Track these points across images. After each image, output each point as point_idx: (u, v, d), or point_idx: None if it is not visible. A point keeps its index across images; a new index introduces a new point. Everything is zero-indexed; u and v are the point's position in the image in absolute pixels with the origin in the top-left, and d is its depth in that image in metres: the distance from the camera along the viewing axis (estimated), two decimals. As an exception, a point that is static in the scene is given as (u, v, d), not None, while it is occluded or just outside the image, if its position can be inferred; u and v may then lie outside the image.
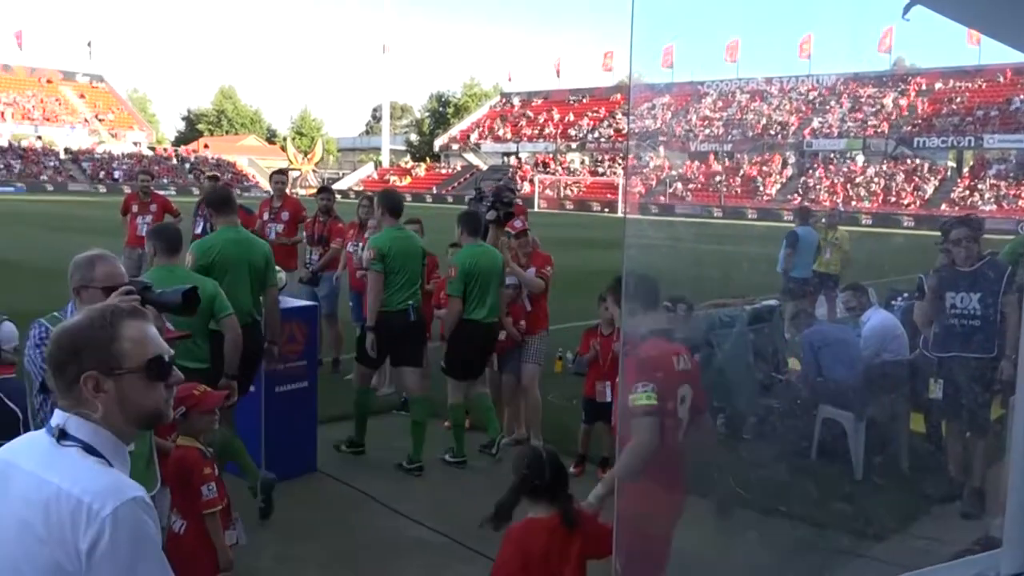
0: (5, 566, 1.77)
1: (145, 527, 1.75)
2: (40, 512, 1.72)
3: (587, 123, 76.57)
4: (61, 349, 1.86)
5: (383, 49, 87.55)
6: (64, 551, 1.69)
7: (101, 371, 1.84)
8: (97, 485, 1.73)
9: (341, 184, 72.54)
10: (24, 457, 1.84)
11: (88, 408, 1.84)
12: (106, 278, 3.19)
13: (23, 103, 76.14)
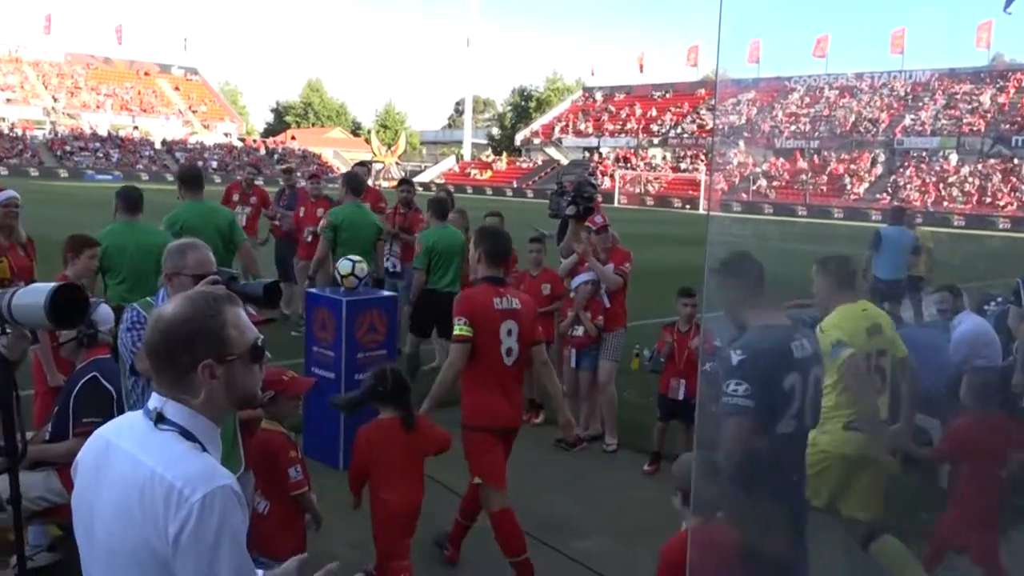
0: (102, 540, 1.85)
1: (232, 514, 1.79)
2: (135, 492, 1.78)
3: (670, 118, 75.70)
4: (173, 340, 1.88)
5: (467, 43, 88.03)
6: (155, 531, 1.75)
7: (215, 358, 1.89)
8: (190, 470, 1.79)
9: (423, 177, 73.30)
10: (124, 438, 1.91)
11: (189, 394, 1.89)
12: (197, 266, 3.29)
13: (122, 95, 78.96)
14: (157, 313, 1.95)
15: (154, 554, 1.76)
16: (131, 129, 73.82)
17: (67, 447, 4.07)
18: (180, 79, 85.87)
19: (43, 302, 2.64)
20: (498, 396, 4.68)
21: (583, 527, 5.57)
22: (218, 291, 2.02)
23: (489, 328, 4.61)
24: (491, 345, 4.63)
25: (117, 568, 1.82)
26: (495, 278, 4.79)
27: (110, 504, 1.83)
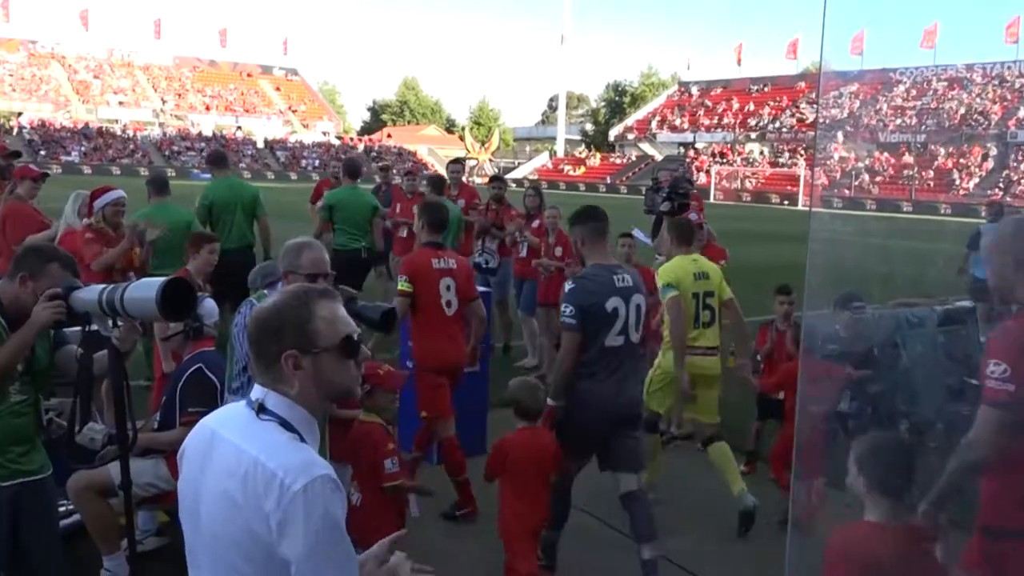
0: (206, 526, 1.91)
1: (332, 504, 1.83)
2: (239, 481, 1.84)
3: (768, 113, 74.11)
4: (263, 330, 1.96)
5: (561, 40, 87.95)
6: (257, 519, 1.80)
7: (299, 350, 1.93)
8: (291, 461, 1.83)
9: (516, 173, 73.58)
10: (228, 427, 1.97)
11: (286, 385, 1.94)
12: (311, 265, 3.37)
13: (226, 96, 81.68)
14: (257, 307, 2.02)
15: (256, 540, 1.81)
16: (234, 129, 76.29)
17: (174, 436, 4.22)
18: (281, 80, 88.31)
19: (155, 296, 2.73)
20: (443, 341, 5.49)
21: (677, 526, 5.49)
22: (316, 286, 2.06)
23: (430, 284, 5.46)
24: (433, 298, 5.47)
25: (220, 553, 1.88)
26: (434, 243, 5.64)
27: (214, 491, 1.88)
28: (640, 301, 4.67)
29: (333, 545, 1.83)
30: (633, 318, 4.60)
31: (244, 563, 1.84)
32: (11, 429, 3.23)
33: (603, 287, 4.52)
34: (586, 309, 4.48)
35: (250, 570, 1.84)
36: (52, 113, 69.73)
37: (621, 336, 4.54)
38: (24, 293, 3.21)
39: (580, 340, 4.48)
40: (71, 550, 4.40)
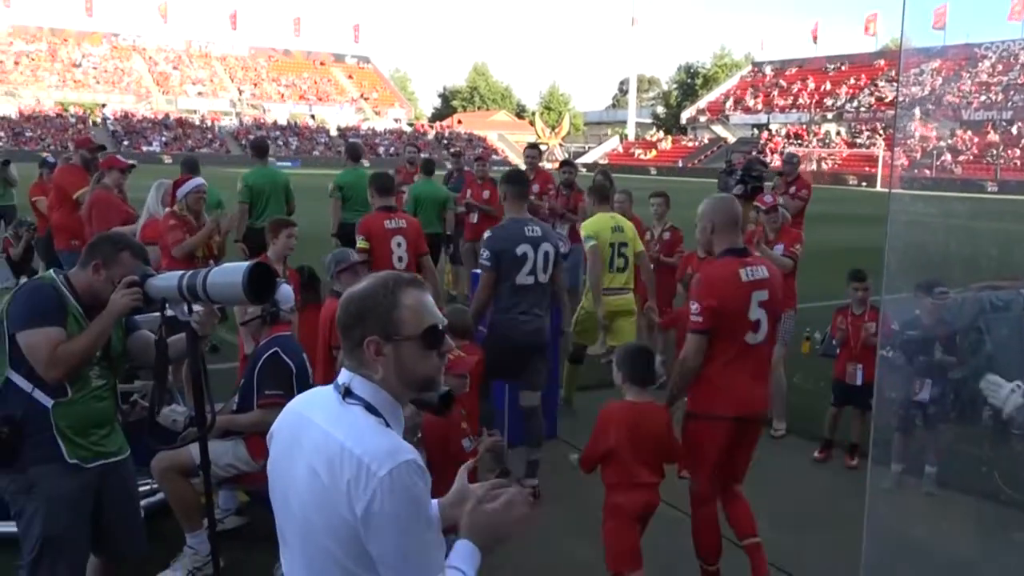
0: (297, 510, 1.94)
1: (416, 489, 1.85)
2: (326, 464, 1.86)
3: (845, 92, 72.28)
4: (348, 314, 1.98)
5: (632, 22, 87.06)
6: (344, 503, 1.83)
7: (381, 336, 1.95)
8: (376, 446, 1.85)
9: (586, 158, 73.20)
10: (315, 410, 2.00)
11: (370, 370, 1.96)
12: None
13: (300, 85, 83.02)
14: (346, 292, 2.04)
15: (345, 524, 1.84)
16: (308, 117, 77.50)
17: (252, 418, 4.32)
18: (353, 67, 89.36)
19: (241, 280, 2.79)
20: None
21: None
22: (405, 274, 2.08)
23: (382, 242, 6.41)
24: (385, 255, 6.35)
25: (311, 535, 1.91)
26: (387, 207, 6.67)
27: (303, 474, 1.91)
28: (548, 249, 5.51)
29: (419, 530, 1.85)
30: (541, 262, 5.48)
31: (334, 544, 1.86)
32: (93, 413, 3.34)
33: (515, 236, 5.43)
34: (499, 253, 5.38)
35: (340, 551, 1.86)
36: (134, 104, 71.79)
37: (531, 276, 5.45)
38: (98, 281, 3.30)
39: (494, 278, 5.42)
40: (155, 528, 4.55)
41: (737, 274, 4.11)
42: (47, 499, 3.23)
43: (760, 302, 4.13)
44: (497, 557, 4.58)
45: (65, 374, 3.19)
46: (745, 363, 4.15)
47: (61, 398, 3.23)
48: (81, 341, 3.20)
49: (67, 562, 3.30)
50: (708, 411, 4.19)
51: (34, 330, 3.15)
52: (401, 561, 1.83)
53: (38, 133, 62.01)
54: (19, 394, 3.20)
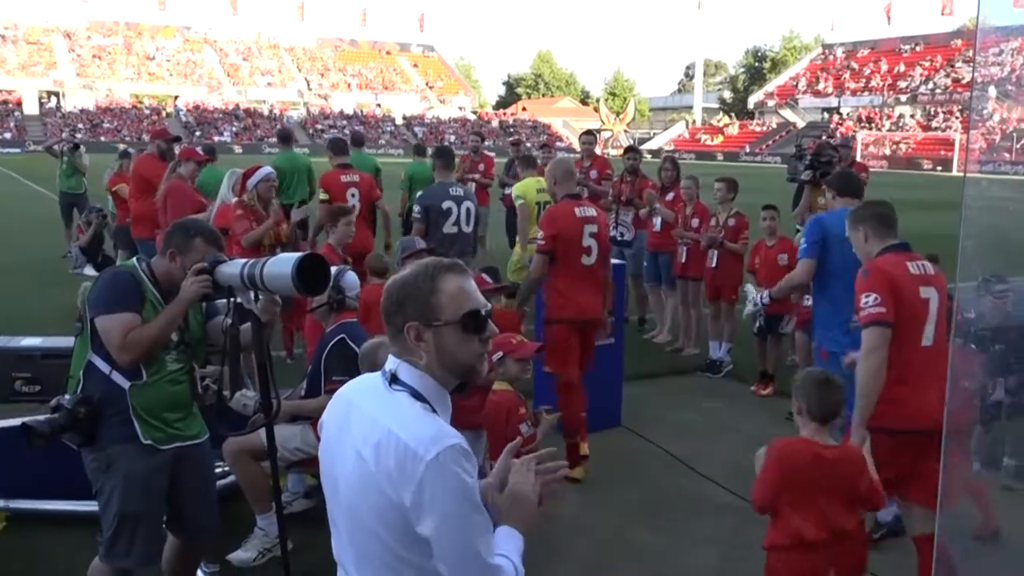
0: (345, 495, 1.98)
1: (463, 472, 1.86)
2: (373, 450, 1.88)
3: (920, 73, 70.24)
4: (390, 300, 2.01)
5: (698, 5, 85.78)
6: (392, 489, 1.85)
7: (421, 322, 1.96)
8: (422, 431, 1.87)
9: (652, 144, 72.51)
10: (363, 397, 2.03)
11: (414, 356, 1.98)
12: None
13: (366, 74, 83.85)
14: (390, 279, 2.07)
15: (393, 509, 1.86)
16: (374, 107, 78.22)
17: (319, 403, 4.40)
18: (418, 56, 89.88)
19: (290, 272, 2.83)
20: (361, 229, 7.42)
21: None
22: (445, 260, 2.08)
23: (339, 193, 8.14)
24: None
25: (359, 519, 1.94)
26: (343, 164, 8.56)
27: (351, 461, 1.94)
28: (470, 206, 7.21)
29: (467, 513, 1.86)
30: (463, 216, 7.12)
31: (383, 529, 1.89)
32: (169, 396, 3.43)
33: (441, 194, 7.14)
34: (428, 208, 7.03)
35: (388, 535, 1.88)
36: (205, 96, 73.35)
37: (455, 227, 7.07)
38: (174, 268, 3.39)
39: (424, 229, 6.92)
40: (227, 509, 4.67)
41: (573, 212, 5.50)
42: (123, 477, 3.33)
43: (591, 233, 5.49)
44: (559, 543, 4.61)
45: (136, 358, 3.28)
46: (583, 281, 5.48)
47: (137, 380, 3.33)
48: (152, 327, 3.28)
49: (143, 538, 3.40)
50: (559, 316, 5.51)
51: (109, 315, 3.25)
52: (450, 544, 1.84)
53: (115, 124, 63.81)
54: (99, 376, 3.31)
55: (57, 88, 69.07)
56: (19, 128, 60.49)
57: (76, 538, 4.41)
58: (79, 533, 4.42)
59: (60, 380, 3.49)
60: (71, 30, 76.09)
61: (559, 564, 4.54)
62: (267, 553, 4.45)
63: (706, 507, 5.16)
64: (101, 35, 77.22)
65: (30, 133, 57.92)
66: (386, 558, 1.91)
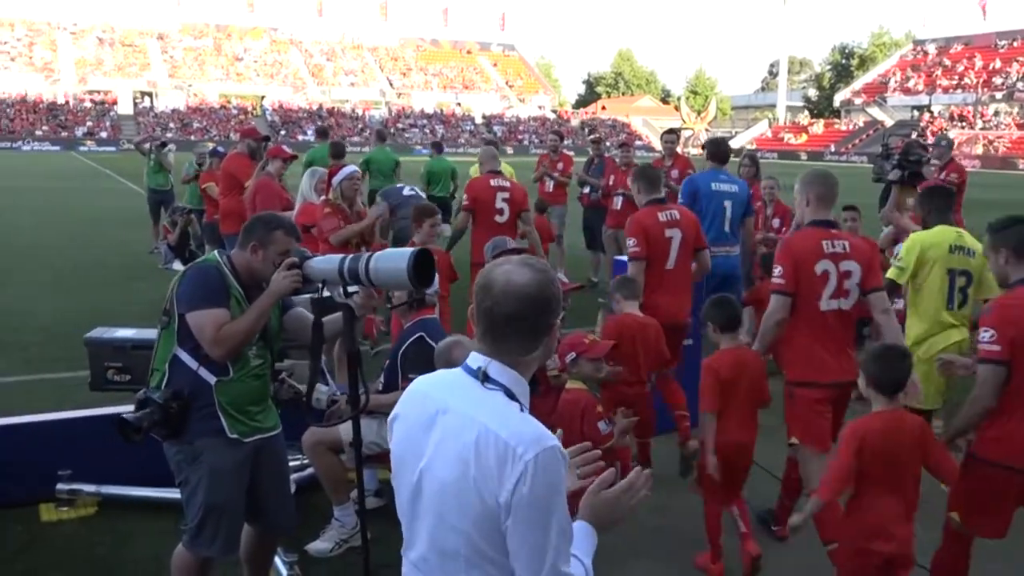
0: (431, 489, 1.97)
1: (560, 474, 1.87)
2: (471, 448, 1.88)
3: (1017, 70, 67.54)
4: (534, 304, 1.95)
5: (783, 1, 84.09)
6: (488, 487, 1.85)
7: (555, 323, 2.02)
8: (523, 431, 1.87)
9: (733, 143, 71.22)
10: (449, 394, 2.01)
11: (524, 355, 1.99)
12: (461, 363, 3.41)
13: (447, 73, 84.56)
14: (506, 281, 1.96)
15: (485, 506, 1.86)
16: (454, 106, 78.81)
17: (395, 398, 4.44)
18: (499, 56, 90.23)
19: (406, 266, 2.87)
20: None
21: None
22: (543, 261, 2.12)
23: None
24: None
25: (446, 518, 1.93)
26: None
27: (443, 456, 1.94)
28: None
29: (555, 518, 1.86)
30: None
31: (470, 526, 1.89)
32: (251, 390, 3.50)
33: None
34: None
35: (476, 533, 1.88)
36: (291, 96, 74.97)
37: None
38: (256, 261, 3.43)
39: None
40: (305, 501, 4.77)
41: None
42: (210, 470, 3.40)
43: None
44: (635, 544, 4.56)
45: (229, 352, 3.34)
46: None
47: (223, 376, 3.39)
48: (244, 321, 3.34)
49: (226, 529, 3.48)
50: None
51: (201, 311, 3.31)
52: (539, 544, 1.84)
53: (204, 124, 65.73)
54: (186, 371, 3.37)
55: (150, 89, 71.48)
56: (114, 127, 62.83)
57: (161, 524, 4.57)
58: (164, 519, 4.57)
59: (148, 370, 3.57)
60: (164, 32, 78.63)
61: (632, 564, 4.51)
62: (344, 544, 4.53)
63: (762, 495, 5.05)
64: (192, 37, 79.58)
65: (124, 132, 60.06)
66: (470, 555, 1.91)
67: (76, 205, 21.73)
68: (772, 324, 4.32)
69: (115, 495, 4.93)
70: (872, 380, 3.51)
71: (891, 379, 3.49)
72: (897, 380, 3.50)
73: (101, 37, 75.63)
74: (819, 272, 4.22)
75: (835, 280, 4.23)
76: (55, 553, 4.48)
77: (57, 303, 10.24)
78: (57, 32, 74.88)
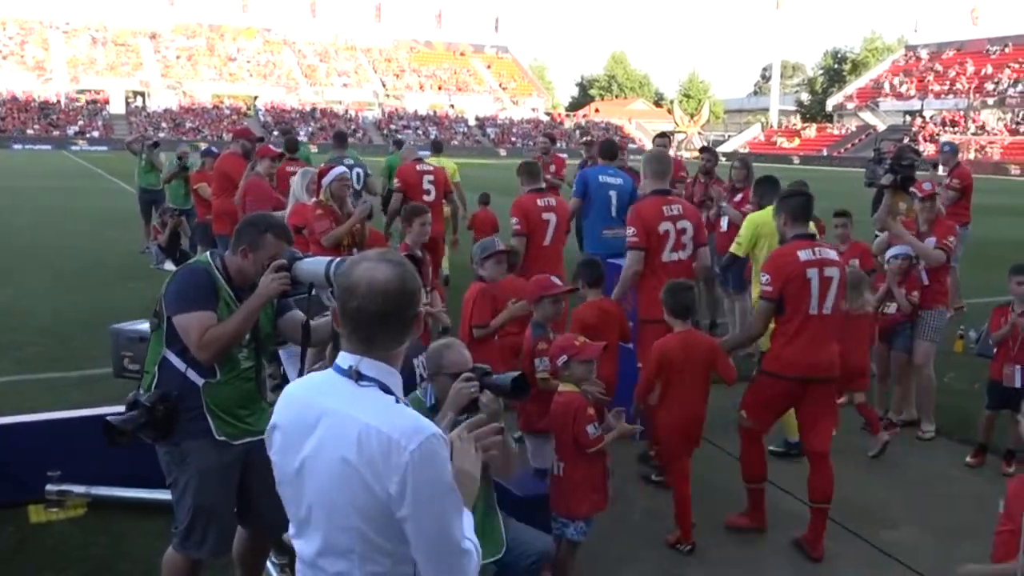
0: (318, 494, 2.00)
1: (445, 462, 1.93)
2: (352, 446, 1.91)
3: (1008, 76, 67.90)
4: (396, 300, 2.00)
5: (776, 6, 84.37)
6: (376, 482, 1.89)
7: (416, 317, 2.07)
8: (402, 423, 1.92)
9: (725, 147, 71.56)
10: (325, 396, 2.03)
11: (390, 350, 2.04)
12: (454, 366, 3.40)
13: (440, 75, 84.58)
14: (368, 280, 1.99)
15: (376, 501, 1.90)
16: (447, 107, 78.83)
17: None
18: (492, 58, 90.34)
19: None
20: None
21: (893, 518, 5.21)
22: (397, 253, 2.15)
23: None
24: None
25: (336, 516, 1.97)
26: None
27: (326, 459, 1.97)
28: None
29: (445, 501, 1.91)
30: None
31: (363, 521, 1.93)
32: (239, 393, 3.48)
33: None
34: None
35: (369, 528, 1.93)
36: (284, 96, 74.88)
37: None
38: (247, 264, 3.40)
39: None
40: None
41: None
42: (198, 472, 3.39)
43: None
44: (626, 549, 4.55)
45: (214, 355, 3.31)
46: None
47: (211, 379, 3.36)
48: (230, 324, 3.31)
49: (216, 531, 3.47)
50: None
51: (188, 314, 3.27)
52: (432, 529, 1.90)
53: (196, 124, 65.60)
54: (174, 373, 3.35)
55: (143, 88, 71.32)
56: (106, 126, 62.67)
57: (154, 525, 4.55)
58: (157, 521, 4.55)
59: (142, 371, 3.56)
60: (157, 32, 78.46)
61: (627, 569, 4.50)
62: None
63: (782, 517, 5.05)
64: (185, 37, 79.46)
65: (116, 131, 59.93)
66: (364, 550, 1.96)
67: (72, 205, 21.68)
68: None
69: (105, 496, 4.90)
70: (669, 309, 4.73)
71: (682, 305, 4.72)
72: (686, 306, 4.73)
73: (94, 36, 75.45)
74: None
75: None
76: (48, 553, 4.46)
77: (55, 303, 10.22)
78: (49, 31, 74.67)
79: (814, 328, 4.60)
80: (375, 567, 1.96)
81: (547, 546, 3.68)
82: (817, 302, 4.61)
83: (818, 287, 4.61)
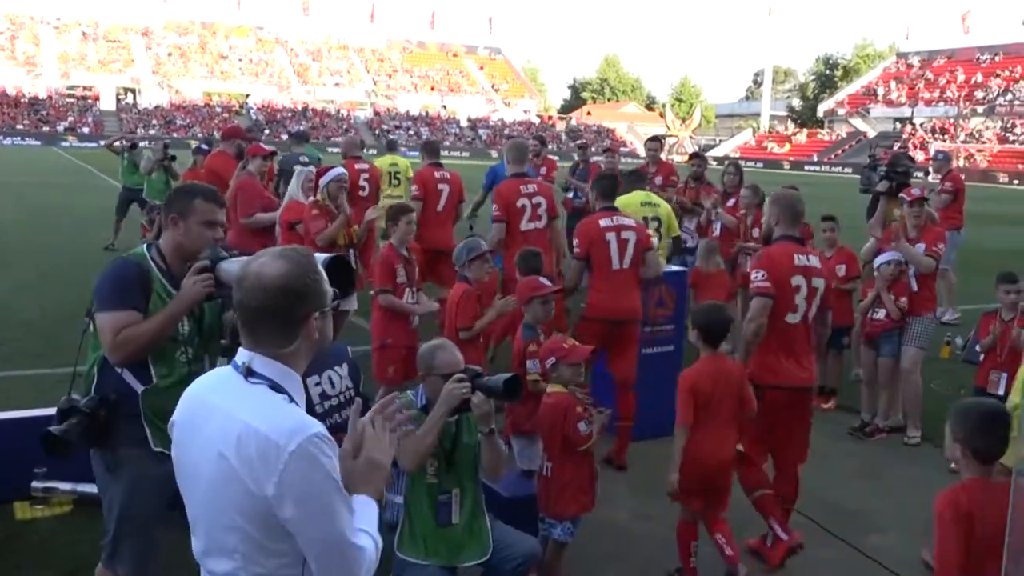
0: (204, 491, 1.98)
1: (327, 461, 1.88)
2: (232, 445, 1.88)
3: (997, 84, 68.26)
4: (285, 294, 1.95)
5: (768, 12, 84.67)
6: (254, 482, 1.86)
7: (320, 311, 2.01)
8: (282, 423, 1.87)
9: (717, 151, 71.77)
10: (215, 393, 2.01)
11: (283, 347, 1.97)
12: (445, 366, 3.36)
13: (432, 76, 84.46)
14: (257, 274, 1.97)
15: (256, 500, 1.86)
16: (439, 108, 78.74)
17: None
18: (485, 59, 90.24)
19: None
20: None
21: (879, 522, 5.23)
22: (307, 250, 2.10)
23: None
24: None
25: (220, 516, 1.94)
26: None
27: (209, 457, 1.94)
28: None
29: (330, 500, 1.87)
30: None
31: (246, 522, 1.90)
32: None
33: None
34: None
35: (252, 528, 1.90)
36: (275, 95, 74.64)
37: None
38: (179, 235, 3.20)
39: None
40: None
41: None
42: (130, 481, 3.16)
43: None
44: (612, 550, 4.55)
45: (127, 358, 3.08)
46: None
47: (148, 384, 3.13)
48: (147, 326, 3.07)
49: (142, 545, 3.23)
50: None
51: (105, 313, 3.09)
52: (315, 531, 1.87)
53: (187, 121, 65.33)
54: (113, 375, 3.14)
55: (134, 85, 70.98)
56: (97, 123, 62.33)
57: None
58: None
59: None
60: (149, 28, 78.11)
61: (613, 570, 4.51)
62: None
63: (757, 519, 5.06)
64: (177, 34, 79.10)
65: (107, 128, 59.61)
66: (248, 550, 1.92)
67: (60, 201, 21.55)
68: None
69: (91, 493, 4.86)
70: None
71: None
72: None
73: (85, 32, 75.04)
74: None
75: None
76: (34, 550, 4.45)
77: (41, 300, 10.16)
78: (40, 26, 74.22)
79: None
80: (260, 568, 1.92)
81: (534, 548, 3.68)
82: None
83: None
